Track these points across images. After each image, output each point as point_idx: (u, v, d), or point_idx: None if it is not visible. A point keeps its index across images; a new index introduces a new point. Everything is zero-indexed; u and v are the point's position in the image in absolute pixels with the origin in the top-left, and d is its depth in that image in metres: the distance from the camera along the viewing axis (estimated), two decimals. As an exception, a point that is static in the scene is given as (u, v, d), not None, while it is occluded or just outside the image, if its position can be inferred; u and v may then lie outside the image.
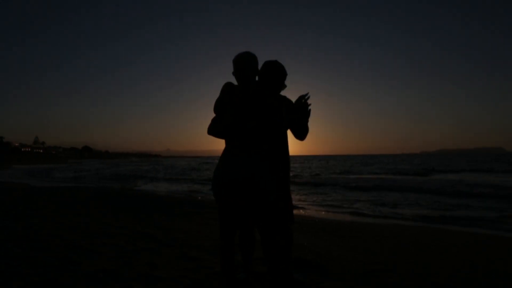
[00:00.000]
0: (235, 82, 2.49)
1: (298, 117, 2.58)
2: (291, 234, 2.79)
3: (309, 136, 2.78)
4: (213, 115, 2.45)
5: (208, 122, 2.47)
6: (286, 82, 2.71)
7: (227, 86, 2.44)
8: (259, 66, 2.55)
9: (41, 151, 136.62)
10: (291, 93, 2.82)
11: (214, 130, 2.42)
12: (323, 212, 8.63)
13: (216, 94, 2.50)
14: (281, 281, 2.38)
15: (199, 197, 11.45)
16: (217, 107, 2.41)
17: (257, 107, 2.39)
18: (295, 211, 8.46)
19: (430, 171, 30.06)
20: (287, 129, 2.68)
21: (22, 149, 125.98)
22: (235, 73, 2.46)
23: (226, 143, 2.45)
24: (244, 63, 2.43)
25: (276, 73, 2.63)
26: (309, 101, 2.57)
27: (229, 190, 2.25)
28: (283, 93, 2.74)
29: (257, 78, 2.56)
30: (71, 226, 5.10)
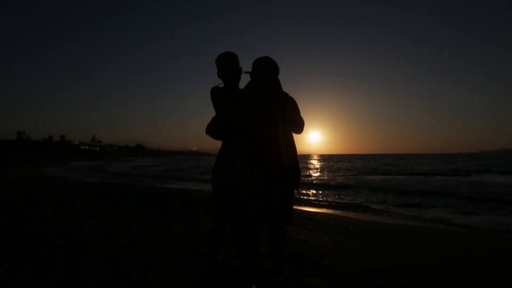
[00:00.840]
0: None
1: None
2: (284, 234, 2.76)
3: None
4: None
5: None
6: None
7: (216, 91, 2.57)
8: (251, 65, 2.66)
9: (98, 149, 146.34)
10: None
11: (211, 132, 2.62)
12: (345, 213, 8.48)
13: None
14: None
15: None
16: (217, 108, 2.56)
17: (250, 104, 2.54)
18: (318, 210, 8.39)
19: (477, 172, 28.37)
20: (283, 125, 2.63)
21: (81, 147, 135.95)
22: (220, 73, 2.58)
23: (223, 143, 2.64)
24: (228, 61, 2.56)
25: (269, 69, 2.61)
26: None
27: (223, 190, 2.55)
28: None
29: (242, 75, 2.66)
30: (97, 218, 5.52)
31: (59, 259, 3.25)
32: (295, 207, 8.71)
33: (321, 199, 11.88)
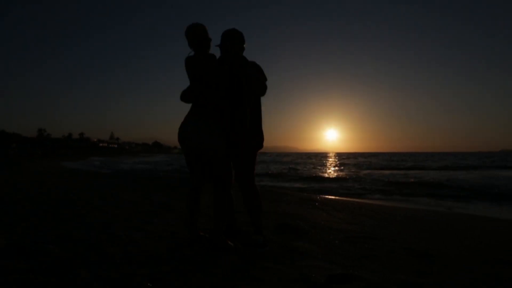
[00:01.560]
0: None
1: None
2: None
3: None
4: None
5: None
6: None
7: (189, 60, 2.76)
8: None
9: (116, 146, 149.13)
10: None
11: (185, 98, 2.82)
12: (344, 197, 8.57)
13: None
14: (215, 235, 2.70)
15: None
16: (191, 77, 2.75)
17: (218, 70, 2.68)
18: (318, 195, 8.41)
19: (488, 168, 28.00)
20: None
21: (100, 144, 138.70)
22: (190, 43, 2.73)
23: (191, 105, 2.80)
24: (194, 32, 2.74)
25: (236, 39, 2.84)
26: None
27: (187, 147, 2.72)
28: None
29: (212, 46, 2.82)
30: (100, 194, 5.72)
31: (56, 223, 3.42)
32: (292, 192, 8.77)
33: (323, 188, 12.04)
